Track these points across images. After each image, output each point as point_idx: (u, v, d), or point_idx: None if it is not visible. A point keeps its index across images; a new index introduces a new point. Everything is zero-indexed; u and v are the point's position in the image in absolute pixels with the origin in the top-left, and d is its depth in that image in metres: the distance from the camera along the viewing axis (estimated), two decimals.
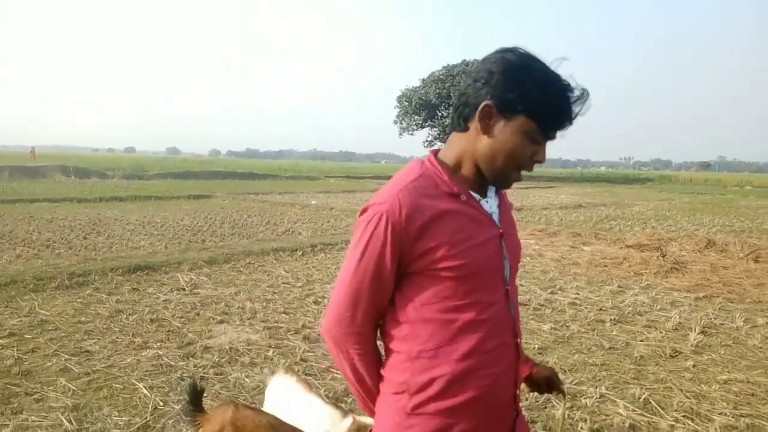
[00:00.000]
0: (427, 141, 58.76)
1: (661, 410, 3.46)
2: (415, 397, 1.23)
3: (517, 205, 19.62)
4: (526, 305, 5.83)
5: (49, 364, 3.92)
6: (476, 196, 1.28)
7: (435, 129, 56.61)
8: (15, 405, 3.27)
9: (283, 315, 5.21)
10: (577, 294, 6.40)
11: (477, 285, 1.23)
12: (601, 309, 5.78)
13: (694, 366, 4.25)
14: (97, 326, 4.76)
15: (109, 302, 5.49)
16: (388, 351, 1.31)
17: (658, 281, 7.21)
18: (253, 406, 2.30)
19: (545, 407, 3.43)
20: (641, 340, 4.83)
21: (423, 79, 56.46)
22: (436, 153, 1.31)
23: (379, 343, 1.32)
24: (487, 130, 1.22)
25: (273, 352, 4.23)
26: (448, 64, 56.01)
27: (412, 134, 57.93)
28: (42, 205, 14.91)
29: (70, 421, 3.07)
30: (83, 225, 10.88)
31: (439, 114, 55.76)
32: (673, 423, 3.29)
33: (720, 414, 3.44)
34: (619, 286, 6.88)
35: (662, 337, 4.93)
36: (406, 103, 56.02)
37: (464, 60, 55.40)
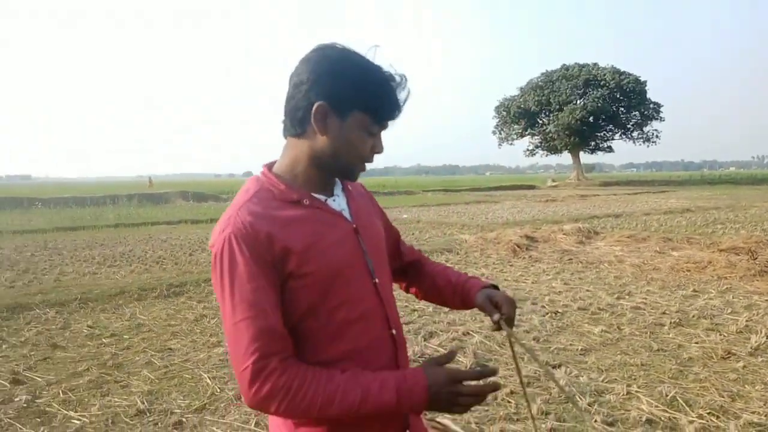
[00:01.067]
0: (528, 150, 57.65)
1: (687, 407, 3.46)
2: None
3: (618, 212, 18.85)
4: (585, 310, 5.84)
5: (138, 358, 4.61)
6: (320, 197, 1.26)
7: (536, 137, 55.46)
8: (104, 389, 3.95)
9: None
10: (645, 299, 6.27)
11: (341, 285, 1.20)
12: (664, 313, 5.65)
13: (743, 367, 4.13)
14: (183, 328, 5.46)
15: (197, 308, 6.22)
16: None
17: (741, 285, 6.85)
18: None
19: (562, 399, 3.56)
20: (696, 342, 4.72)
21: (521, 87, 55.62)
22: (270, 166, 1.28)
23: None
24: (324, 130, 1.18)
25: None
26: (547, 70, 54.82)
27: (512, 144, 57.18)
28: (161, 227, 16.61)
29: (143, 402, 3.66)
30: (192, 243, 12.06)
31: (540, 121, 54.54)
32: (695, 419, 3.29)
33: (752, 413, 3.38)
34: (694, 290, 6.63)
35: (721, 339, 4.78)
36: (505, 113, 55.38)
37: (563, 64, 53.97)
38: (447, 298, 1.53)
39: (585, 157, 57.76)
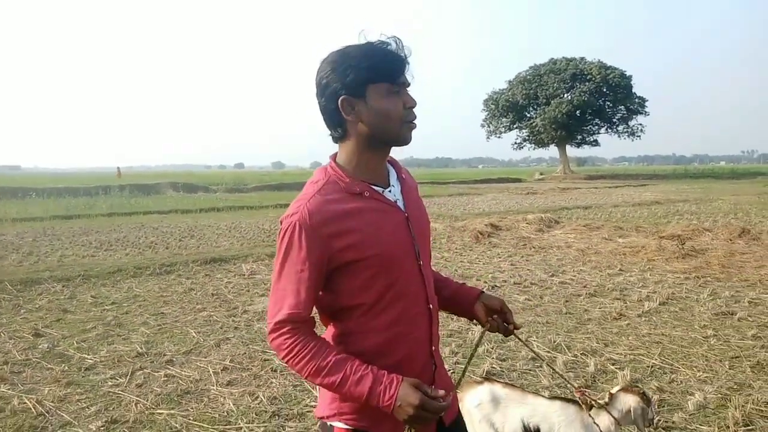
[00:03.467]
0: (516, 143, 58.60)
1: (566, 350, 4.44)
2: None
3: (589, 204, 19.90)
4: (519, 284, 6.83)
5: (136, 320, 5.55)
6: (379, 188, 1.42)
7: (524, 130, 56.35)
8: (109, 340, 4.89)
9: None
10: (574, 276, 7.26)
11: (394, 268, 1.39)
12: (585, 286, 6.64)
13: (627, 325, 5.12)
14: (173, 299, 6.40)
15: (185, 284, 7.16)
16: (328, 332, 1.49)
17: (662, 265, 7.85)
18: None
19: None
20: (599, 308, 5.70)
21: (509, 81, 56.48)
22: (335, 157, 1.45)
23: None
24: (357, 116, 1.36)
25: None
26: (535, 64, 55.73)
27: (500, 137, 58.01)
28: (153, 216, 17.43)
29: (141, 348, 4.62)
30: (182, 231, 12.93)
31: (527, 115, 55.50)
32: (569, 357, 4.27)
33: (616, 354, 4.36)
34: (620, 270, 7.63)
35: (621, 305, 5.76)
36: (493, 106, 56.24)
37: (551, 58, 54.82)
38: (451, 309, 1.70)
39: (577, 151, 58.90)
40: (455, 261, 8.63)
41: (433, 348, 1.52)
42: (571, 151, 57.00)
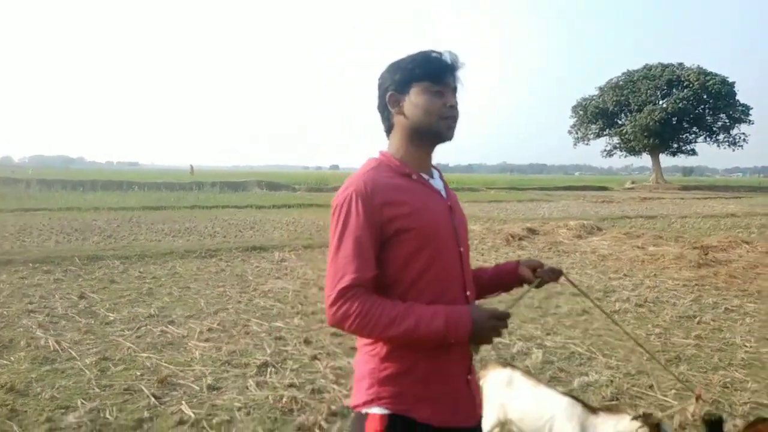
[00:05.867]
0: (605, 150, 56.72)
1: (509, 335, 4.91)
2: (387, 345, 1.44)
3: (654, 214, 19.42)
4: None
5: (164, 291, 6.60)
6: (424, 176, 1.56)
7: (614, 137, 54.44)
8: (135, 304, 5.94)
9: (321, 274, 7.39)
10: (573, 279, 7.52)
11: (437, 244, 1.48)
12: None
13: (585, 320, 5.49)
14: (203, 277, 7.43)
15: (221, 265, 8.22)
16: None
17: (670, 273, 7.94)
18: None
19: None
20: (570, 305, 6.05)
21: (600, 87, 54.78)
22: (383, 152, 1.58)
23: None
24: (400, 110, 1.53)
25: (291, 293, 6.46)
26: (628, 70, 53.68)
27: (587, 144, 56.48)
28: (229, 210, 19.02)
29: (155, 311, 5.62)
30: (246, 224, 14.21)
31: (618, 122, 53.56)
32: (508, 341, 4.75)
33: (550, 341, 4.79)
34: (624, 274, 7.83)
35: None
36: (582, 112, 54.83)
37: (646, 64, 52.67)
38: (494, 286, 1.81)
39: (683, 161, 56.04)
40: (471, 258, 9.09)
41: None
42: (675, 160, 54.45)
